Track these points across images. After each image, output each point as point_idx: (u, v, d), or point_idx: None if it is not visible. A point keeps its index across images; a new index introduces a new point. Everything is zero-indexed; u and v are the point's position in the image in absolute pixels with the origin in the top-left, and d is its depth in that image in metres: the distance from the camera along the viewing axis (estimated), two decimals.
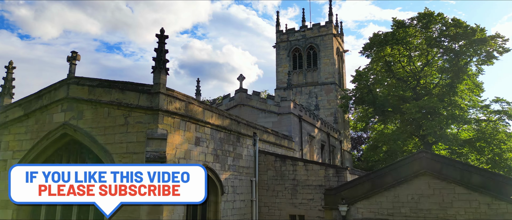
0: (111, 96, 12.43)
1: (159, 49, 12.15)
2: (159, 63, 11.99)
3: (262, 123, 25.01)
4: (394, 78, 31.49)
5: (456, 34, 27.17)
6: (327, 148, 32.06)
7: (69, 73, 13.70)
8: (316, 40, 42.58)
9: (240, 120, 17.14)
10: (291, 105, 24.72)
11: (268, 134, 20.14)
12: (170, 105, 12.18)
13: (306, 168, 16.99)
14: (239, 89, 26.53)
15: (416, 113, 25.40)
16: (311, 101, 40.64)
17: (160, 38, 12.26)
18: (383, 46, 30.43)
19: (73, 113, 13.01)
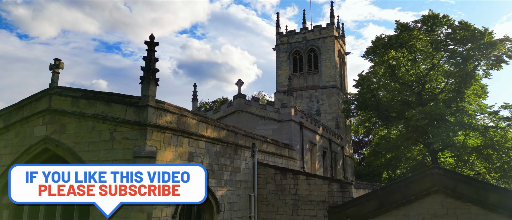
0: (96, 108, 11.36)
1: (148, 57, 11.08)
2: (148, 73, 10.91)
3: (261, 130, 23.95)
4: (398, 83, 30.43)
5: (463, 37, 26.10)
6: (328, 155, 30.98)
7: (51, 82, 12.63)
8: (317, 43, 41.51)
9: (238, 131, 16.06)
10: (291, 112, 23.64)
11: (268, 144, 19.07)
12: (160, 119, 11.10)
13: (308, 182, 15.91)
14: (237, 95, 25.44)
15: (422, 120, 24.33)
16: (312, 105, 39.54)
17: (150, 46, 11.20)
18: (387, 49, 29.38)
19: (55, 126, 11.94)
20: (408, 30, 29.07)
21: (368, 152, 44.14)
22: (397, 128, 33.18)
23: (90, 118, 11.30)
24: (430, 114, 24.44)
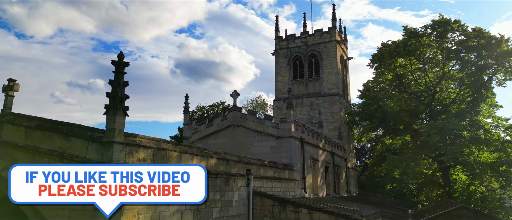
0: (52, 143, 9.29)
1: (115, 82, 8.99)
2: (115, 101, 8.81)
3: (258, 147, 21.90)
4: (405, 92, 28.37)
5: (478, 45, 24.01)
6: (331, 170, 28.90)
7: (4, 107, 10.54)
8: (318, 48, 39.40)
9: (230, 157, 13.98)
10: (292, 128, 21.56)
11: (266, 168, 16.99)
12: (130, 157, 9.02)
13: (311, 216, 13.84)
14: (232, 108, 23.37)
15: (434, 136, 22.23)
16: (313, 114, 37.47)
17: (117, 67, 9.11)
18: (394, 57, 27.33)
19: (6, 162, 9.86)
20: (416, 36, 27.04)
21: (372, 162, 42.00)
22: (403, 139, 31.14)
23: (45, 154, 9.23)
24: (443, 129, 22.37)
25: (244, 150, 22.27)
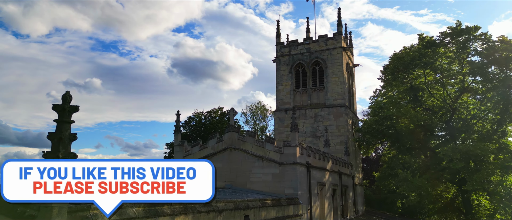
0: None
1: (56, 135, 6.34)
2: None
3: (259, 174, 19.27)
4: (420, 107, 25.73)
5: (506, 58, 21.38)
6: (338, 192, 26.27)
7: None
8: (322, 55, 36.70)
9: (223, 207, 11.32)
10: (297, 153, 18.92)
11: (268, 209, 14.35)
12: None
13: None
14: (229, 128, 20.74)
15: (458, 161, 19.58)
16: (317, 126, 34.83)
17: (61, 114, 6.45)
18: (408, 69, 24.69)
19: None
20: (433, 45, 24.39)
21: (379, 175, 39.30)
22: (417, 156, 28.48)
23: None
24: (467, 153, 19.71)
25: (242, 177, 19.67)
